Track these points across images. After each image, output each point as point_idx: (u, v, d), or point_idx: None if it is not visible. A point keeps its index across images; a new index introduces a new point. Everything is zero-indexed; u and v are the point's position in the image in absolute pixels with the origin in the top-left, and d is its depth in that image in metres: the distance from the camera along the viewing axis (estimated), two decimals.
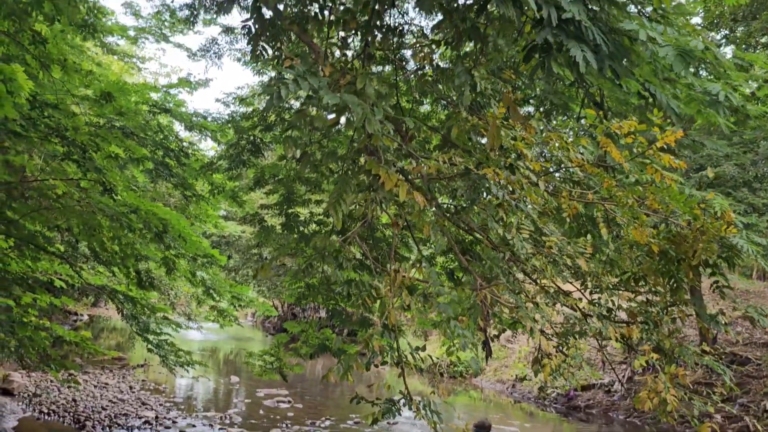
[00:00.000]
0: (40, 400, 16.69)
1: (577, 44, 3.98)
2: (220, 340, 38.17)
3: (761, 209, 17.20)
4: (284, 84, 3.85)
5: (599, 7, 4.37)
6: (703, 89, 5.12)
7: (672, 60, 4.35)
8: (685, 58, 4.38)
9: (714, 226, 6.05)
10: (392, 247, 5.84)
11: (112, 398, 18.01)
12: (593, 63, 3.96)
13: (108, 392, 18.83)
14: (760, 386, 19.33)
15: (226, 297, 15.68)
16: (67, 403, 16.73)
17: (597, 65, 4.01)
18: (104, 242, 12.66)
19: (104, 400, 17.61)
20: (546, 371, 5.46)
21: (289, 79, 3.89)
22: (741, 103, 6.68)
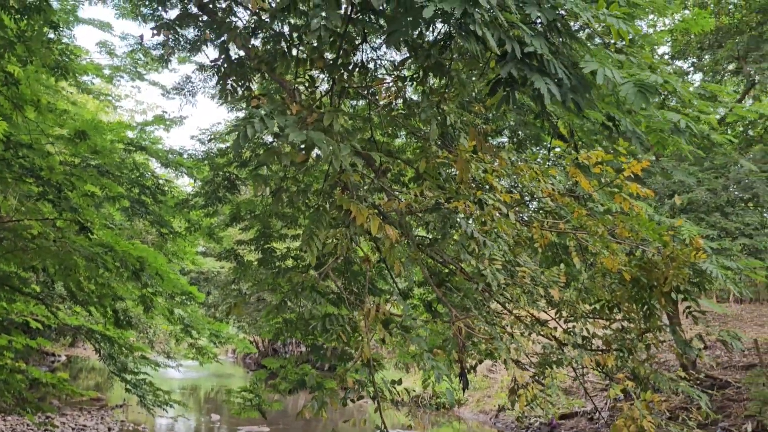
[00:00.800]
0: None
1: (540, 77, 4.08)
2: (200, 378, 37.74)
3: (734, 233, 17.41)
4: (251, 124, 3.91)
5: (561, 41, 4.47)
6: (664, 119, 5.24)
7: (633, 97, 4.46)
8: (644, 94, 4.49)
9: (683, 253, 6.15)
10: (367, 283, 5.86)
11: None
12: (557, 95, 4.06)
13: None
14: (741, 409, 19.41)
15: (205, 334, 15.56)
16: None
17: (560, 98, 4.11)
18: (80, 282, 12.56)
19: None
20: (522, 401, 5.49)
21: (256, 119, 3.95)
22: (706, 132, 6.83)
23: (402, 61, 5.59)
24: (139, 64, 15.66)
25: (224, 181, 9.55)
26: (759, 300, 33.47)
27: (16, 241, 11.44)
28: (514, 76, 4.07)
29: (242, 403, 9.36)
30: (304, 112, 4.43)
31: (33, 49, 7.94)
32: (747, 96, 21.95)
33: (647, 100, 4.48)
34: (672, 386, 6.85)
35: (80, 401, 23.08)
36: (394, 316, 5.43)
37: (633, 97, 4.44)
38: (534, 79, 4.02)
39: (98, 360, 14.58)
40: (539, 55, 4.09)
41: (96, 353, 14.08)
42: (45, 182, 10.08)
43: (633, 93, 4.47)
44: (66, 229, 11.57)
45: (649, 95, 4.48)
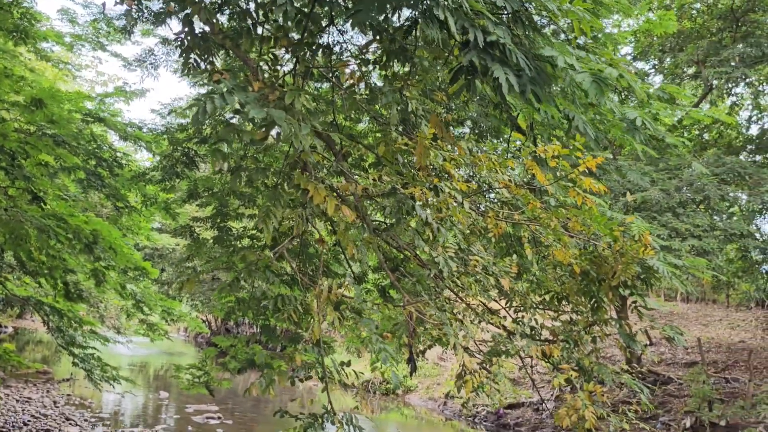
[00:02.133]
0: None
1: (501, 67, 4.13)
2: (150, 355, 37.43)
3: (684, 234, 17.79)
4: (210, 99, 3.89)
5: (523, 32, 4.54)
6: (622, 115, 5.35)
7: (588, 86, 4.55)
8: (599, 85, 4.58)
9: (633, 248, 6.30)
10: (321, 264, 5.88)
11: (34, 413, 17.50)
12: (516, 86, 4.12)
13: (30, 407, 18.29)
14: (681, 405, 19.92)
15: (157, 311, 15.45)
16: None
17: (519, 88, 4.17)
18: (31, 252, 12.38)
19: (26, 415, 17.09)
20: (468, 387, 5.57)
21: (216, 95, 3.93)
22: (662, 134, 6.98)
23: (366, 44, 5.61)
24: (101, 34, 15.39)
25: (183, 157, 9.47)
26: (705, 300, 34.34)
27: None
28: (476, 64, 4.12)
29: (191, 380, 9.33)
30: (266, 89, 4.42)
31: None
32: (704, 100, 22.40)
33: (602, 91, 4.57)
34: (615, 379, 7.01)
35: (26, 374, 22.74)
36: (347, 299, 5.47)
37: (589, 86, 4.53)
38: (494, 69, 4.07)
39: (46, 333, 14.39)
40: (501, 45, 4.14)
41: (44, 326, 13.89)
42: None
43: (589, 83, 4.56)
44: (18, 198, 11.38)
45: (605, 87, 4.57)
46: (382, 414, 24.90)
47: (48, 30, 14.86)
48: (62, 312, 13.45)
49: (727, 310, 32.04)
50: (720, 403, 19.29)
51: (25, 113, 10.81)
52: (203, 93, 4.05)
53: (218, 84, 4.01)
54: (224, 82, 4.04)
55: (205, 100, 3.88)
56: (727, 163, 19.56)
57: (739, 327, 28.43)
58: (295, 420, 5.64)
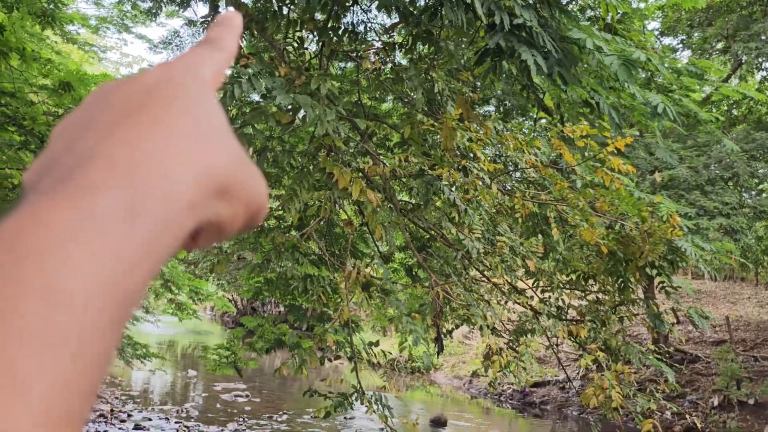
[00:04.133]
0: None
1: (528, 49, 4.10)
2: (178, 334, 37.86)
3: (712, 212, 17.61)
4: (238, 84, 3.91)
5: (550, 14, 4.50)
6: (645, 100, 5.29)
7: (617, 69, 4.51)
8: (628, 68, 4.54)
9: (661, 229, 6.26)
10: (349, 245, 5.92)
11: None
12: (543, 68, 4.09)
13: None
14: (709, 383, 19.83)
15: (185, 290, 15.62)
16: None
17: (546, 70, 4.14)
18: None
19: None
20: (495, 367, 5.60)
21: (243, 79, 3.95)
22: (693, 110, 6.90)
23: (392, 26, 5.58)
24: (127, 16, 15.49)
25: None
26: (733, 278, 34.02)
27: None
28: (502, 46, 4.09)
29: (218, 360, 9.43)
30: (293, 73, 4.43)
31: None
32: (733, 75, 22.04)
33: (630, 73, 4.53)
34: (642, 359, 7.00)
35: None
36: (375, 279, 5.50)
37: (618, 69, 4.48)
38: (521, 51, 4.04)
39: None
40: (528, 27, 4.11)
41: None
42: (27, 131, 10.01)
43: (618, 65, 4.51)
44: None
45: (633, 69, 4.53)
46: (408, 392, 25.06)
47: (74, 13, 14.97)
48: None
49: (756, 288, 31.71)
50: (748, 381, 19.19)
51: (53, 96, 10.92)
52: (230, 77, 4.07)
53: (245, 68, 4.04)
54: (251, 66, 4.06)
55: (232, 85, 3.91)
56: (756, 139, 19.28)
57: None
58: (324, 399, 5.71)
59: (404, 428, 5.81)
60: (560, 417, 21.00)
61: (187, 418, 16.54)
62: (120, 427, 14.91)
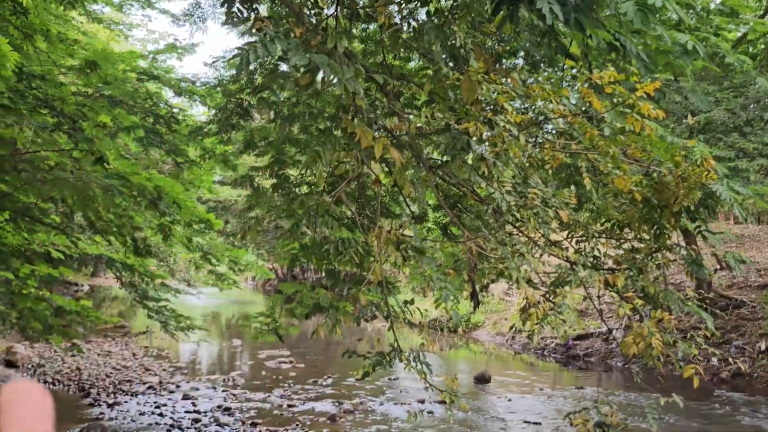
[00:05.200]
0: (44, 371, 16.92)
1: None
2: (221, 305, 38.43)
3: (752, 153, 17.25)
4: (253, 49, 3.89)
5: None
6: (672, 40, 5.15)
7: (632, 15, 4.39)
8: (645, 13, 4.42)
9: (695, 173, 6.14)
10: (378, 204, 5.92)
11: (115, 365, 18.26)
12: (559, 14, 3.99)
13: (111, 360, 19.09)
14: (755, 328, 19.61)
15: (224, 261, 15.80)
16: (71, 372, 16.96)
17: (563, 17, 4.04)
18: (99, 212, 12.72)
19: (108, 368, 17.85)
20: (532, 319, 5.58)
21: (258, 44, 3.92)
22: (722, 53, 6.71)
23: None
24: None
25: (237, 108, 9.53)
26: None
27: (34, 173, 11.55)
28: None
29: (259, 328, 9.55)
30: (309, 34, 4.39)
31: None
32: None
33: (647, 18, 4.41)
34: (682, 306, 6.93)
35: (104, 329, 23.63)
36: (407, 237, 5.50)
37: (633, 15, 4.37)
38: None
39: (120, 289, 14.90)
40: None
41: (118, 282, 14.38)
42: (59, 113, 10.12)
43: (633, 11, 4.40)
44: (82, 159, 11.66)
45: (650, 15, 4.41)
46: (450, 351, 25.20)
47: None
48: (133, 267, 13.87)
49: None
50: None
51: (80, 76, 11.01)
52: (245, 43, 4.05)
53: (260, 32, 4.01)
54: (266, 29, 4.02)
55: (247, 50, 3.88)
56: None
57: None
58: (363, 359, 5.76)
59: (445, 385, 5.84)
60: (605, 368, 20.98)
61: (233, 386, 16.85)
62: (169, 397, 15.25)
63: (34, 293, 13.15)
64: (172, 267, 29.22)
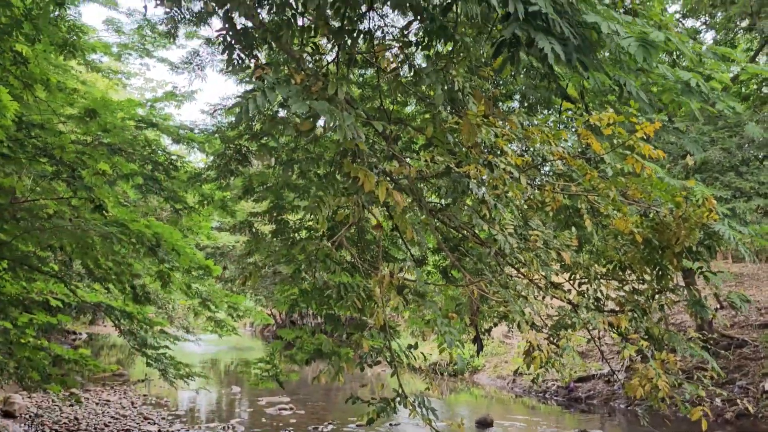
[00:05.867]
0: (42, 421, 16.69)
1: (545, 37, 4.05)
2: (220, 351, 38.12)
3: (748, 193, 17.28)
4: (252, 98, 3.90)
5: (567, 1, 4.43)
6: (675, 78, 5.20)
7: (635, 51, 4.43)
8: (647, 48, 4.46)
9: (696, 213, 6.14)
10: (379, 249, 5.90)
11: (114, 415, 18.02)
12: (561, 55, 4.03)
13: (110, 409, 18.84)
14: (758, 367, 19.45)
15: (223, 307, 15.71)
16: (69, 422, 16.74)
17: (565, 57, 4.08)
18: (98, 259, 12.68)
19: (106, 417, 17.62)
20: (536, 363, 5.53)
21: (258, 92, 3.94)
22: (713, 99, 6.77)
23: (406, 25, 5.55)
24: (147, 40, 15.65)
25: (235, 154, 9.57)
26: None
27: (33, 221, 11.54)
28: (518, 36, 4.04)
29: (259, 374, 9.46)
30: (309, 80, 4.42)
31: (40, 27, 7.96)
32: (761, 53, 21.64)
33: (650, 54, 4.44)
34: (686, 347, 6.88)
35: (103, 377, 23.38)
36: (408, 281, 5.47)
37: (636, 51, 4.41)
38: (539, 38, 3.99)
39: (119, 336, 14.79)
40: (544, 15, 4.05)
41: (116, 330, 14.27)
42: (58, 161, 10.15)
43: (635, 47, 4.44)
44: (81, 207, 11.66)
45: (652, 50, 4.44)
46: (452, 395, 24.94)
47: (96, 41, 15.16)
48: (132, 315, 13.78)
49: None
50: None
51: (80, 125, 11.06)
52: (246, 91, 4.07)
53: (260, 80, 4.03)
54: (266, 77, 4.05)
55: (247, 99, 3.90)
56: None
57: None
58: (368, 405, 5.68)
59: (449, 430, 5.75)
60: (607, 411, 20.74)
61: None
62: None
63: (33, 342, 13.03)
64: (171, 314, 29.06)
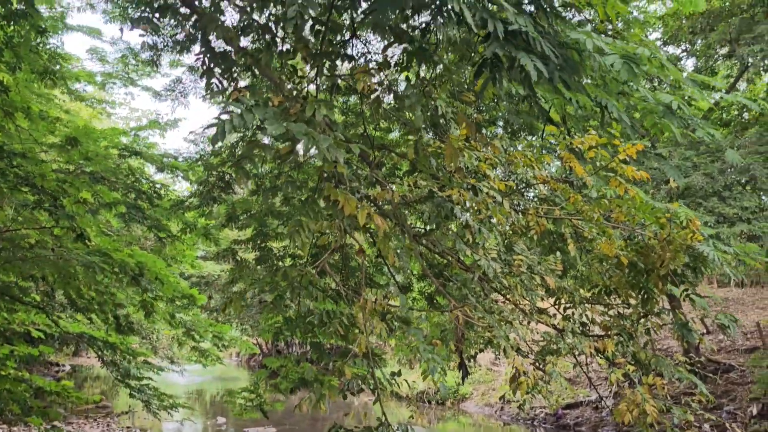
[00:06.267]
0: None
1: (526, 55, 4.03)
2: (205, 382, 37.73)
3: (732, 218, 17.34)
4: (229, 120, 3.85)
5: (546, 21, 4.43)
6: (656, 101, 5.20)
7: (619, 68, 4.42)
8: (631, 66, 4.45)
9: (680, 236, 6.12)
10: (363, 275, 5.83)
11: None
12: (544, 71, 4.01)
13: None
14: (746, 392, 19.40)
15: (208, 337, 15.55)
16: None
17: (548, 75, 4.05)
18: (80, 289, 12.53)
19: None
20: (522, 389, 5.45)
21: (234, 114, 3.89)
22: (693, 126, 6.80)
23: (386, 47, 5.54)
24: (131, 69, 15.63)
25: (218, 181, 9.52)
26: (760, 283, 33.48)
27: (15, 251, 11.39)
28: (500, 56, 4.02)
29: (243, 404, 9.33)
30: (288, 103, 4.38)
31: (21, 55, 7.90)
32: (741, 79, 21.89)
33: (634, 72, 4.43)
34: (673, 371, 6.83)
35: (86, 409, 23.02)
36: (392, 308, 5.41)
37: (620, 68, 4.40)
38: (520, 57, 3.97)
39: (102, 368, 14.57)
40: (524, 34, 4.04)
41: (99, 360, 14.07)
42: (40, 191, 10.04)
43: (620, 65, 4.43)
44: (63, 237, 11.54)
45: (637, 69, 4.44)
46: (439, 424, 24.72)
47: (79, 70, 15.14)
48: (115, 345, 13.59)
49: None
50: None
51: (61, 153, 10.98)
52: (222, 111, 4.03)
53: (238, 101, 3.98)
54: (243, 99, 4.00)
55: (223, 121, 3.85)
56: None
57: None
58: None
59: None
60: None
61: None
62: None
63: (13, 374, 12.81)
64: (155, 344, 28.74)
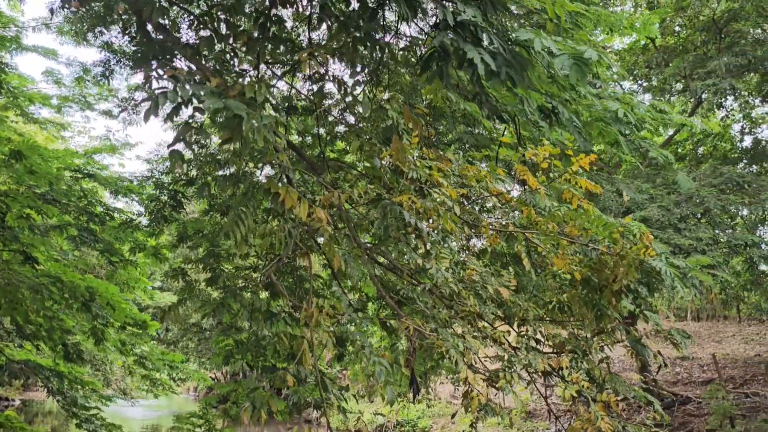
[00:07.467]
0: None
1: (474, 48, 3.95)
2: (161, 417, 36.81)
3: (687, 249, 17.50)
4: (163, 94, 3.71)
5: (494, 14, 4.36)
6: (604, 107, 5.18)
7: (568, 69, 4.38)
8: (580, 67, 4.41)
9: (633, 250, 6.07)
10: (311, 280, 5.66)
11: None
12: (492, 65, 3.92)
13: None
14: (703, 423, 19.43)
15: (160, 365, 15.18)
16: None
17: (495, 68, 3.97)
18: (28, 315, 12.14)
19: None
20: (474, 404, 5.31)
21: (170, 88, 3.75)
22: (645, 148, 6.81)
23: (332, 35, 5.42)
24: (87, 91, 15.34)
25: (170, 200, 9.32)
26: (716, 317, 33.91)
27: None
28: (447, 47, 3.95)
29: (192, 430, 9.03)
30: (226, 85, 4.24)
31: None
32: (695, 114, 22.30)
33: (583, 73, 4.39)
34: (628, 390, 6.74)
35: None
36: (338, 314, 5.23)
37: (570, 69, 4.35)
38: (467, 50, 3.89)
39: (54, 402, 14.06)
40: (473, 25, 3.97)
41: (46, 391, 13.61)
42: None
43: (569, 65, 4.38)
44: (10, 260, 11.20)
45: (586, 69, 4.40)
46: None
47: (34, 93, 14.86)
48: (63, 374, 13.17)
49: (740, 325, 31.57)
50: (742, 418, 18.83)
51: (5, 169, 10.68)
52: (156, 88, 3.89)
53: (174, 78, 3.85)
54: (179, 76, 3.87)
55: (158, 95, 3.71)
56: (724, 173, 19.37)
57: (753, 341, 27.98)
58: None
59: None
60: None
61: None
62: None
63: None
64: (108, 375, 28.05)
